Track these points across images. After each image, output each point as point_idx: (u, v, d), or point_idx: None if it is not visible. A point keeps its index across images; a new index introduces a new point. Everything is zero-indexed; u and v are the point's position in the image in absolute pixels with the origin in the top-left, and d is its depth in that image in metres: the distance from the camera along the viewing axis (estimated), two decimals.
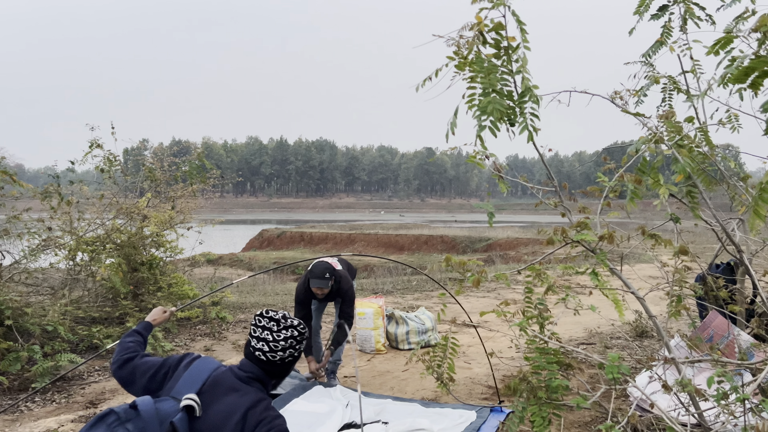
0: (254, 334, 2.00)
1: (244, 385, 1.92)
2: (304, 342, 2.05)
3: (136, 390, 2.03)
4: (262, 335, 1.97)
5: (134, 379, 2.02)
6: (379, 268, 18.63)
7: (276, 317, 2.00)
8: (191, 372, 1.92)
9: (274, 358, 1.96)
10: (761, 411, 2.22)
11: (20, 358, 4.91)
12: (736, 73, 2.02)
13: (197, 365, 1.95)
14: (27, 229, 6.24)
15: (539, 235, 4.19)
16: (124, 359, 2.08)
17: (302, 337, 2.02)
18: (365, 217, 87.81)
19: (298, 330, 2.01)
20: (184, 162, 8.21)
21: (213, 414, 1.83)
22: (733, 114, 3.00)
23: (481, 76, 2.15)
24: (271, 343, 1.95)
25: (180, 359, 2.01)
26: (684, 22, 3.06)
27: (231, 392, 1.89)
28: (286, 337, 1.97)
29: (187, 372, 1.93)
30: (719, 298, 3.57)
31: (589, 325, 6.95)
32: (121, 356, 2.09)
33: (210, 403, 1.85)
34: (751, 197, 2.06)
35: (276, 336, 1.96)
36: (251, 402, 1.89)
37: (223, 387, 1.90)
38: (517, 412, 2.42)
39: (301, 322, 2.06)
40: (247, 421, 1.85)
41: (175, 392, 1.88)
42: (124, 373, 2.05)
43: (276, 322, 1.99)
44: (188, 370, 1.93)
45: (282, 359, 1.97)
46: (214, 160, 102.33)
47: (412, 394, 4.81)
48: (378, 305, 6.36)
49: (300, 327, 2.03)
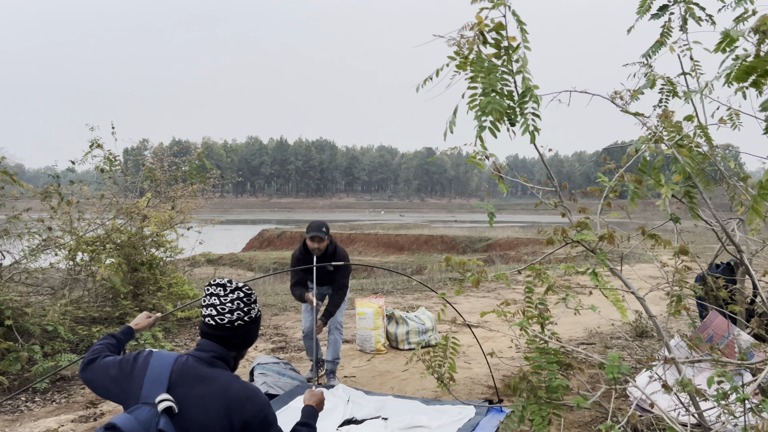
0: (203, 303, 1.97)
1: (209, 369, 1.88)
2: (254, 305, 2.00)
3: (101, 391, 1.99)
4: (209, 301, 1.94)
5: (96, 378, 1.99)
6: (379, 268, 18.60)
7: (222, 282, 1.97)
8: (152, 371, 1.85)
9: (222, 321, 1.91)
10: (761, 411, 2.22)
11: (20, 358, 4.91)
12: (737, 72, 2.02)
13: (155, 363, 1.88)
14: (27, 229, 6.24)
15: (539, 235, 4.19)
16: (87, 360, 2.04)
17: (249, 299, 1.97)
18: (365, 217, 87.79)
19: (244, 291, 1.97)
20: (184, 162, 8.22)
21: (190, 408, 1.78)
22: (734, 112, 3.00)
23: (481, 75, 2.15)
24: (218, 307, 1.92)
25: (134, 358, 1.94)
26: (684, 22, 3.06)
27: (200, 381, 1.84)
28: (233, 299, 1.93)
29: (147, 373, 1.86)
30: (719, 298, 3.57)
31: (589, 325, 6.95)
32: (86, 359, 2.05)
33: (183, 397, 1.79)
34: (750, 197, 2.06)
35: (223, 300, 1.93)
36: (224, 385, 1.85)
37: (189, 377, 1.84)
38: (517, 411, 2.42)
39: (246, 284, 2.01)
40: (231, 407, 1.81)
41: (144, 398, 1.80)
42: (88, 375, 2.01)
43: (222, 287, 1.96)
44: (148, 371, 1.86)
45: (231, 322, 1.92)
46: (214, 160, 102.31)
47: (412, 394, 4.81)
48: (378, 305, 6.36)
49: (246, 289, 1.98)
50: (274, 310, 8.71)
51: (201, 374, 1.85)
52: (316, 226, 4.80)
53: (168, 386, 1.81)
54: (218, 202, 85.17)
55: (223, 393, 1.82)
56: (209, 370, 1.87)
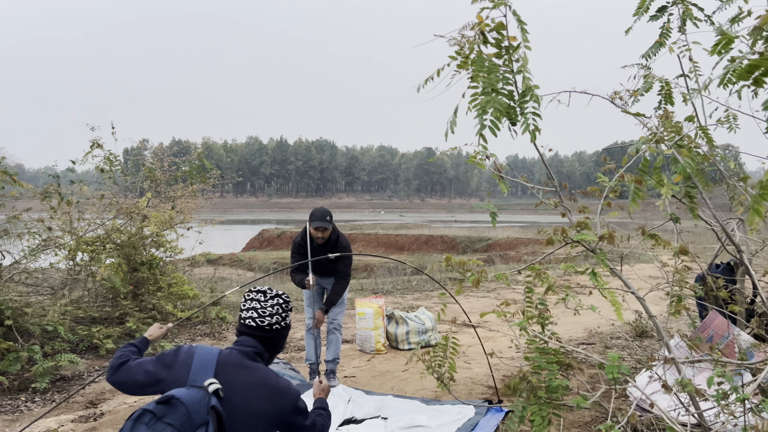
0: (243, 307, 2.15)
1: (250, 362, 2.02)
2: (290, 313, 2.19)
3: (134, 389, 2.05)
4: (250, 306, 2.13)
5: (129, 378, 2.04)
6: (379, 268, 18.65)
7: (263, 289, 2.17)
8: (198, 360, 1.97)
9: (263, 323, 2.10)
10: (761, 411, 2.22)
11: (20, 358, 4.90)
12: (739, 70, 2.01)
13: (200, 353, 2.00)
14: (27, 229, 6.24)
15: (539, 235, 4.19)
16: (119, 364, 2.10)
17: (287, 306, 2.17)
18: (365, 217, 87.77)
19: (283, 299, 2.17)
20: (184, 162, 8.21)
21: (235, 394, 1.90)
22: (731, 114, 3.00)
23: (482, 75, 2.15)
24: (259, 310, 2.11)
25: (175, 351, 2.05)
26: (683, 23, 3.06)
27: (244, 370, 1.98)
28: (272, 305, 2.13)
29: (194, 360, 1.97)
30: (719, 298, 3.57)
31: (589, 325, 6.95)
32: (115, 362, 2.11)
33: (229, 383, 1.91)
34: (750, 197, 2.06)
35: (263, 305, 2.12)
36: (265, 376, 2.00)
37: (234, 366, 1.97)
38: (517, 411, 2.42)
39: (285, 293, 2.20)
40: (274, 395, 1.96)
41: (192, 381, 1.90)
42: (119, 377, 2.07)
43: (263, 293, 2.15)
44: (194, 359, 1.97)
45: (270, 325, 2.11)
46: (214, 160, 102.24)
47: (412, 394, 4.81)
48: (378, 305, 6.36)
49: (284, 296, 2.18)
50: None
51: (244, 364, 2.00)
52: (320, 216, 4.69)
53: (214, 373, 1.94)
54: (218, 202, 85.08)
55: (265, 382, 1.98)
56: (251, 363, 2.03)
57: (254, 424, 1.92)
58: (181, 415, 1.72)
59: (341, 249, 4.78)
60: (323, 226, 4.64)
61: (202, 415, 1.75)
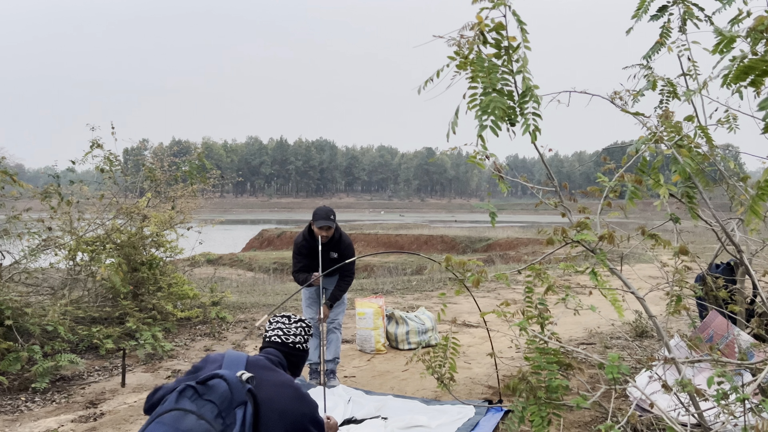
0: (268, 329, 2.38)
1: (276, 367, 2.19)
2: (310, 337, 2.43)
3: None
4: (276, 326, 2.37)
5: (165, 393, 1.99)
6: (379, 268, 18.65)
7: (287, 315, 2.43)
8: (229, 358, 2.09)
9: (288, 340, 2.34)
10: (761, 411, 2.22)
11: (20, 358, 4.91)
12: (736, 71, 2.01)
13: (230, 354, 2.13)
14: (27, 229, 6.24)
15: (539, 235, 4.19)
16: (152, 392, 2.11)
17: (309, 329, 2.42)
18: (365, 217, 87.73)
19: (305, 323, 2.43)
20: (184, 162, 8.20)
21: (264, 391, 1.99)
22: (731, 114, 2.99)
23: (481, 75, 2.15)
24: (284, 329, 2.37)
25: (204, 358, 2.18)
26: (683, 23, 3.06)
27: (271, 371, 2.13)
28: (296, 326, 2.39)
29: (225, 359, 2.08)
30: (719, 298, 3.57)
31: (589, 325, 6.94)
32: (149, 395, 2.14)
33: (259, 380, 2.00)
34: (749, 197, 2.06)
35: (288, 326, 2.38)
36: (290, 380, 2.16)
37: (262, 367, 2.11)
38: (517, 411, 2.42)
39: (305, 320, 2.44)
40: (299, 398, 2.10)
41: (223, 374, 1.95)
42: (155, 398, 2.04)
43: (287, 318, 2.42)
44: (226, 358, 2.09)
45: (294, 343, 2.34)
46: (214, 160, 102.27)
47: (412, 394, 4.81)
48: (378, 305, 6.35)
49: (307, 321, 2.44)
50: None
51: (271, 367, 2.17)
52: (324, 214, 4.66)
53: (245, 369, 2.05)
54: (218, 202, 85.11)
55: (290, 383, 2.14)
56: (277, 368, 2.21)
57: (279, 420, 2.00)
58: (222, 393, 1.82)
59: (344, 247, 4.81)
60: (327, 225, 4.64)
61: (242, 396, 1.84)
